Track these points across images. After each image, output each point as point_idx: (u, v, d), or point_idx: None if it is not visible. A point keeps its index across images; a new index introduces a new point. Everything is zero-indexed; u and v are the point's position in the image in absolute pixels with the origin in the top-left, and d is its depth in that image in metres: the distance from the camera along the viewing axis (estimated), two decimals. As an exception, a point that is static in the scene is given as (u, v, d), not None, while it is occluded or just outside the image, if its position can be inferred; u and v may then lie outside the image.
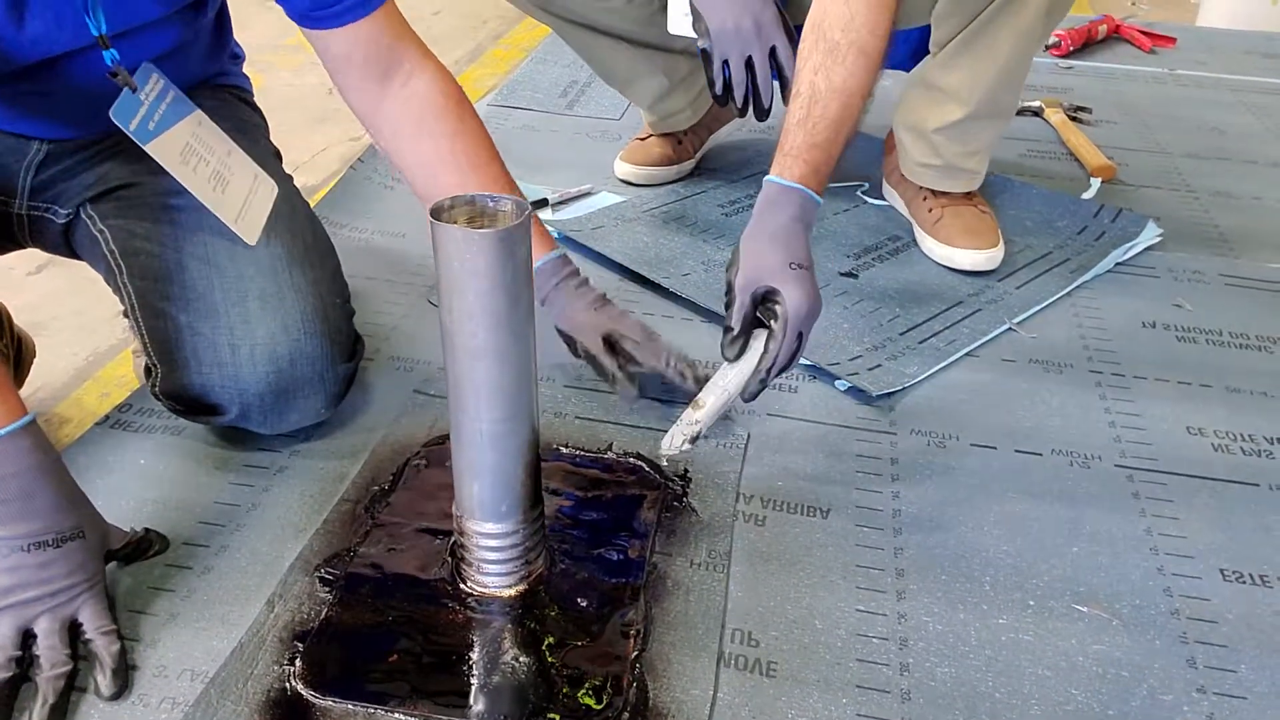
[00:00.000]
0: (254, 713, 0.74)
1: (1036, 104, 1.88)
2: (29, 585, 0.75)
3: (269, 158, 1.08)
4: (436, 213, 0.71)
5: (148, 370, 0.99)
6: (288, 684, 0.76)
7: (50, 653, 0.75)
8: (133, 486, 0.96)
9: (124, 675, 0.76)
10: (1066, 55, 2.22)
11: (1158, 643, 0.83)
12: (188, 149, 0.95)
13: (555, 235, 1.40)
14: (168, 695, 0.75)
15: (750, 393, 0.94)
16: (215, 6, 1.04)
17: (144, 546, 0.87)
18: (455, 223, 0.72)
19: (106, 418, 1.05)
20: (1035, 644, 0.82)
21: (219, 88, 1.11)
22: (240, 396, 0.94)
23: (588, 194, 1.55)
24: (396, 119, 1.00)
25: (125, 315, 1.00)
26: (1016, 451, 1.04)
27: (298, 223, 1.02)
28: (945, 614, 0.85)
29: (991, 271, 1.34)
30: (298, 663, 0.77)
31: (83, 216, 1.01)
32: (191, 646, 0.79)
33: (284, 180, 1.05)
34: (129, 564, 0.86)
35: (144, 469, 0.98)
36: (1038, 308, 1.28)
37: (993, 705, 0.77)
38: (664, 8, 1.35)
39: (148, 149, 0.91)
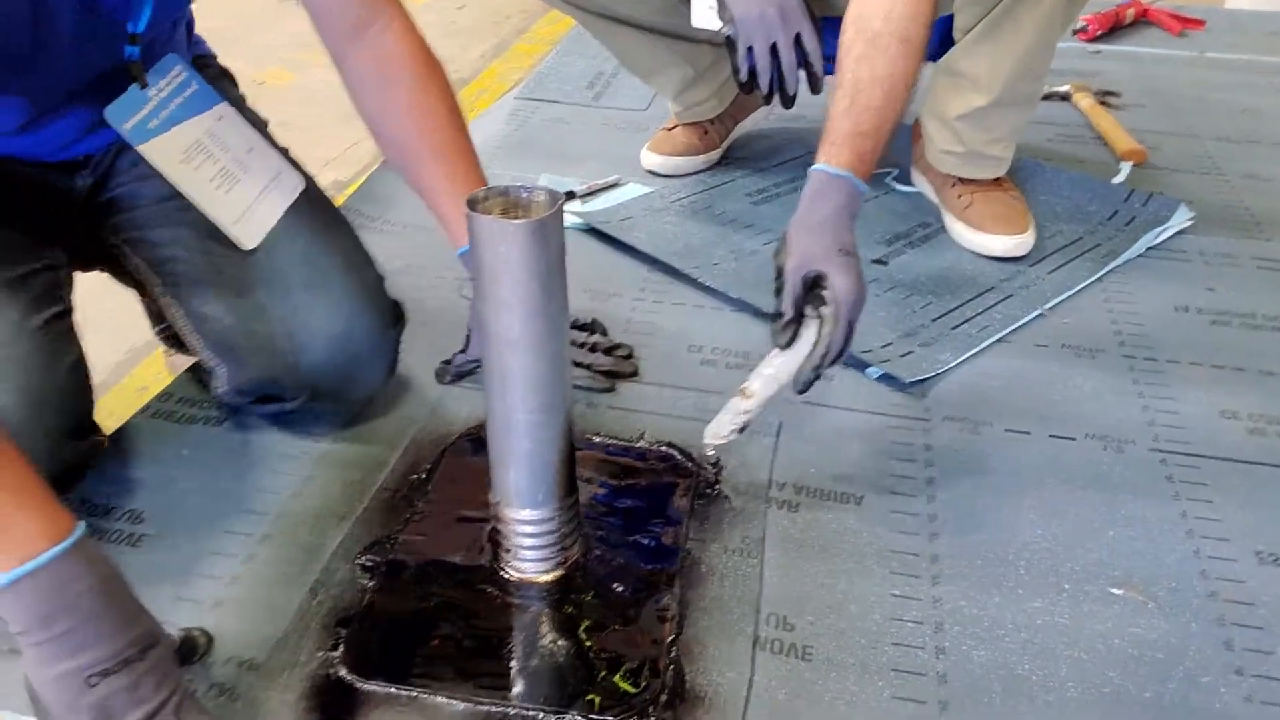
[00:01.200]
0: (300, 698, 0.75)
1: (1065, 88, 1.87)
2: (127, 709, 0.64)
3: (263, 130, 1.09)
4: (472, 203, 0.72)
5: (199, 375, 0.99)
6: (332, 670, 0.77)
7: None
8: (176, 476, 0.97)
9: None
10: (1094, 39, 2.20)
11: (1194, 625, 0.83)
12: (196, 146, 0.94)
13: (582, 226, 1.41)
14: (215, 682, 0.77)
15: (803, 382, 0.92)
16: None
17: (192, 648, 0.78)
18: (490, 213, 0.73)
19: (147, 407, 1.07)
20: (1071, 627, 0.82)
21: (208, 63, 1.10)
22: (307, 382, 0.96)
23: (615, 185, 1.55)
24: (362, 67, 0.98)
25: (160, 332, 1.00)
26: (1050, 437, 1.04)
27: (315, 203, 1.03)
28: (980, 598, 0.85)
29: (1023, 257, 1.34)
30: (341, 649, 0.79)
31: (101, 232, 1.02)
32: (237, 633, 0.81)
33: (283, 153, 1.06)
34: (184, 665, 0.75)
35: (187, 459, 1.00)
36: (1069, 293, 1.28)
37: (1029, 687, 0.77)
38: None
39: (141, 150, 0.91)
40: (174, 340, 1.04)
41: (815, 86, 1.25)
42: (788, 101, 1.27)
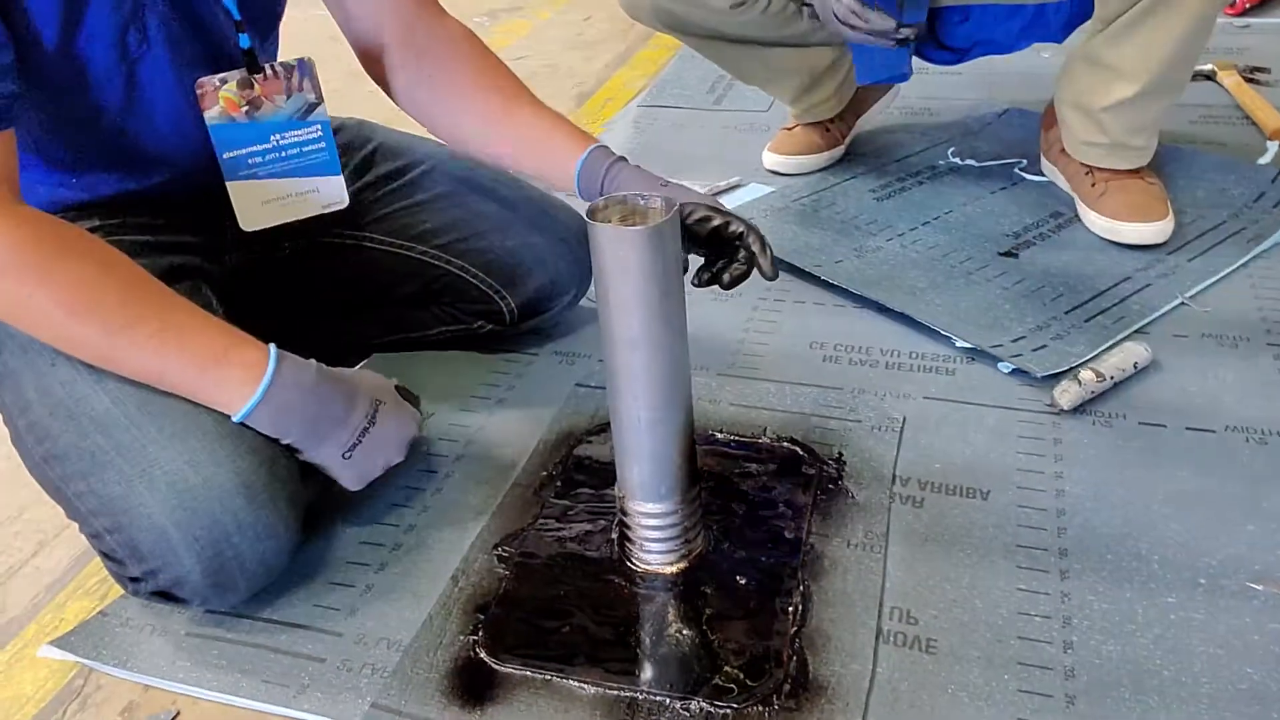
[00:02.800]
0: (444, 678, 0.81)
1: (1208, 67, 1.79)
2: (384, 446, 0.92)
3: None
4: (592, 213, 0.75)
5: (490, 317, 1.18)
6: (472, 652, 0.83)
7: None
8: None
9: None
10: (1242, 13, 2.09)
11: (1343, 623, 0.79)
12: None
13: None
14: (368, 661, 0.83)
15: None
16: None
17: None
18: (609, 221, 0.76)
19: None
20: (1206, 622, 0.80)
21: None
22: (561, 290, 1.18)
23: (736, 186, 1.57)
24: (423, 66, 1.03)
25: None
26: (1188, 429, 1.01)
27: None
28: (1111, 593, 0.84)
29: (1161, 245, 1.30)
30: (480, 633, 0.84)
31: (325, 239, 1.13)
32: (386, 617, 0.87)
33: None
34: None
35: (338, 459, 1.07)
36: (1212, 280, 1.23)
37: (1160, 682, 0.76)
38: (800, 10, 1.36)
39: None
40: None
41: None
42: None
